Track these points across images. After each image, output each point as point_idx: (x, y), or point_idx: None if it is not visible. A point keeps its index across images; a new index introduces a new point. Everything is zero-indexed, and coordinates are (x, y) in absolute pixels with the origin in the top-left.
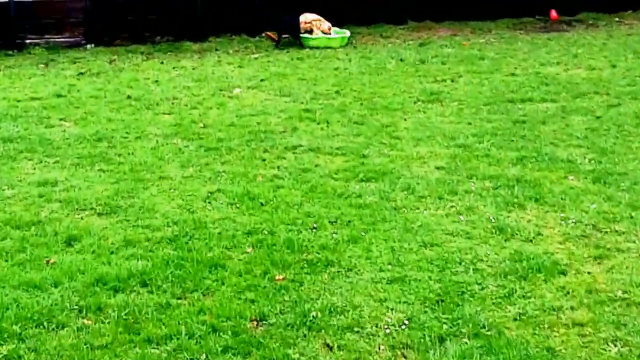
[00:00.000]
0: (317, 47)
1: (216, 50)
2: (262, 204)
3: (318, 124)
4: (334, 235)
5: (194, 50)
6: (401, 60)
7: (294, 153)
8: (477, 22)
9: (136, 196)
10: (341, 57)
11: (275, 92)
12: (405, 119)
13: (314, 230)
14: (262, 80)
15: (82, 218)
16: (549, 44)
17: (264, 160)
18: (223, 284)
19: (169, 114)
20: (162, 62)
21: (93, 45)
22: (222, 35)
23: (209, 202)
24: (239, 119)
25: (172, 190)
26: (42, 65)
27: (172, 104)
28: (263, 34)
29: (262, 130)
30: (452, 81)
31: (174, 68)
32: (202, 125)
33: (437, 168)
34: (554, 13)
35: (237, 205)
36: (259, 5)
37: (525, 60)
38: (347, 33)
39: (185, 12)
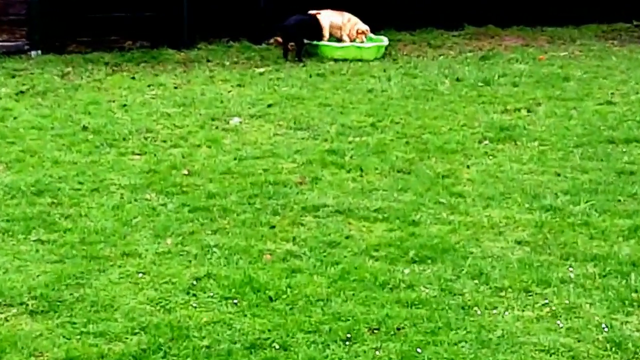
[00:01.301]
0: (345, 60)
1: (207, 61)
2: (271, 299)
3: (348, 172)
4: (377, 351)
5: (178, 61)
6: (457, 80)
7: (315, 217)
8: (554, 28)
9: (87, 284)
10: (377, 73)
11: (288, 123)
12: (468, 166)
13: (348, 343)
14: (269, 105)
15: (6, 319)
16: None
17: (272, 227)
18: None
19: (140, 154)
20: (132, 78)
21: (39, 52)
22: (215, 41)
23: (194, 295)
24: (238, 163)
25: (140, 274)
26: None
27: (145, 139)
28: (271, 40)
29: (271, 180)
30: (529, 111)
31: (149, 86)
32: (186, 172)
33: (518, 243)
34: None
35: (235, 300)
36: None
37: (624, 82)
38: (384, 41)
39: (166, 9)
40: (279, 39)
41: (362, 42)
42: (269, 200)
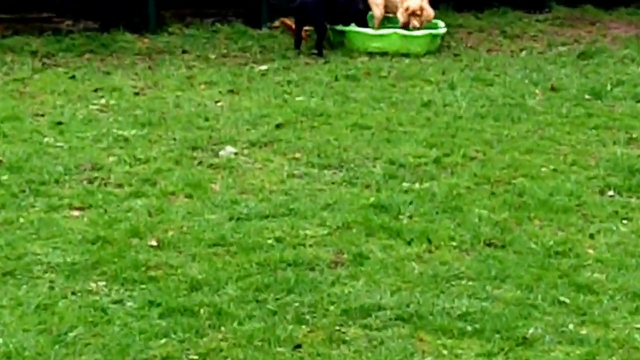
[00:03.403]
0: (384, 54)
1: (184, 52)
2: None
3: (408, 243)
4: None
5: (140, 51)
6: (553, 89)
7: (364, 327)
8: None
9: None
10: (433, 77)
11: (309, 157)
12: (591, 236)
13: None
14: (278, 126)
15: None
16: None
17: (298, 347)
18: None
19: (81, 208)
20: (72, 77)
21: None
22: (195, 22)
23: None
24: (236, 226)
25: None
26: None
27: (91, 182)
28: (276, 23)
29: (289, 259)
30: None
31: (96, 91)
32: (154, 242)
33: None
34: None
35: None
36: None
37: None
38: (441, 27)
39: None
40: (289, 22)
41: (413, 27)
42: (288, 295)
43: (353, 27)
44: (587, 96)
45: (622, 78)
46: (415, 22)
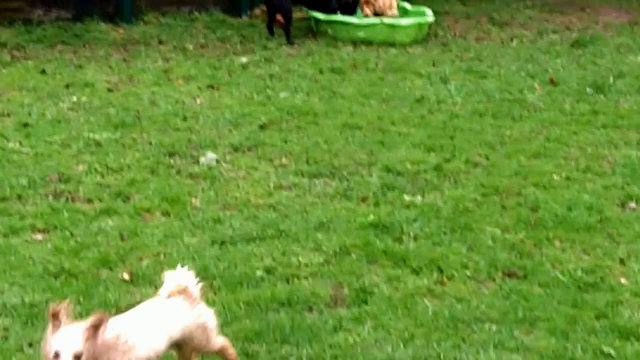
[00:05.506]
0: (369, 43)
1: (160, 43)
2: None
3: (417, 273)
4: None
5: (114, 42)
6: (551, 82)
7: None
8: None
9: None
10: (424, 69)
11: (297, 163)
12: (621, 260)
13: None
14: (262, 127)
15: None
16: None
17: None
18: None
19: (45, 231)
20: (42, 72)
21: None
22: (171, 11)
23: None
24: (221, 253)
25: None
26: None
27: (56, 197)
28: (257, 11)
29: (281, 297)
30: None
31: (67, 87)
32: (126, 275)
33: None
34: None
35: None
36: None
37: None
38: (429, 16)
39: None
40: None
41: (365, 16)
42: (282, 346)
43: (338, 17)
44: (589, 90)
45: (622, 69)
46: (367, 10)
